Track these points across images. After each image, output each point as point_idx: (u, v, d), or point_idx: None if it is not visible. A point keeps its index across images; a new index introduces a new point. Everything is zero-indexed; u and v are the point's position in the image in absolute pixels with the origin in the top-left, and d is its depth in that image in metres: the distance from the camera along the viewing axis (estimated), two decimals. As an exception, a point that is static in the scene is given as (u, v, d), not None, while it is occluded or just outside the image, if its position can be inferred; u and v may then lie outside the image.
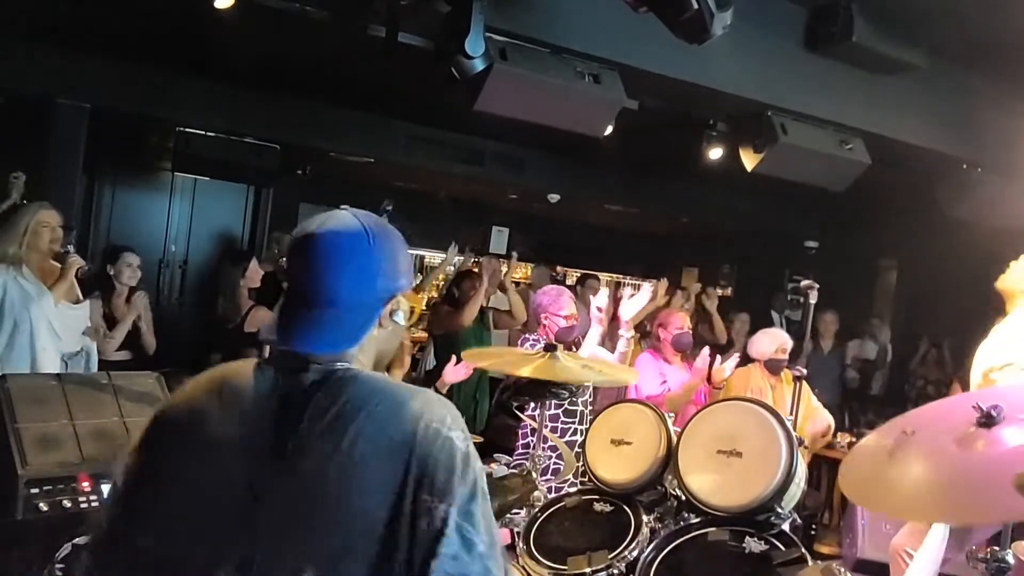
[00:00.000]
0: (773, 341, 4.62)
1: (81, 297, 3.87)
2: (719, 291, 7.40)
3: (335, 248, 1.29)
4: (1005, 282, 3.27)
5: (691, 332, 4.77)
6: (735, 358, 4.45)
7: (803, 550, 2.26)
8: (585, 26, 3.94)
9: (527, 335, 4.14)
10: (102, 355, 4.15)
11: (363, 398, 1.24)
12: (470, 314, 5.41)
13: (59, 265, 3.85)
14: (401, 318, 1.38)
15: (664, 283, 6.35)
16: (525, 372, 2.61)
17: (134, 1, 4.34)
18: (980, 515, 1.67)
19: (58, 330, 3.64)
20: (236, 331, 5.20)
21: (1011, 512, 1.53)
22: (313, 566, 1.15)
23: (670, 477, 2.66)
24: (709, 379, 4.37)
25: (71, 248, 3.80)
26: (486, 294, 6.07)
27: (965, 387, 5.99)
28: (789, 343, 4.55)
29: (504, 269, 6.84)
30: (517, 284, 7.73)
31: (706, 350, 4.38)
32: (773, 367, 4.60)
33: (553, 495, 2.96)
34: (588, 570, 2.37)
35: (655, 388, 4.36)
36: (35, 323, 3.52)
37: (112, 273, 4.58)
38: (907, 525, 3.33)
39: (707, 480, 2.48)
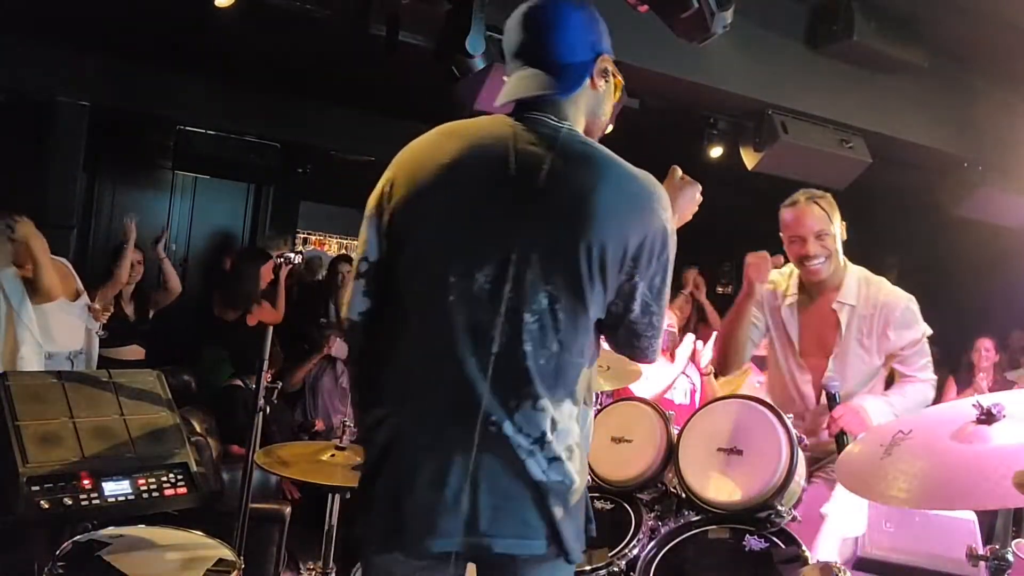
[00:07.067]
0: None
1: (82, 288, 3.77)
2: (719, 289, 7.36)
3: (549, 14, 1.58)
4: None
5: (675, 330, 4.77)
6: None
7: (803, 548, 2.26)
8: (586, 24, 3.93)
9: None
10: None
11: (596, 165, 1.54)
12: None
13: (65, 263, 3.81)
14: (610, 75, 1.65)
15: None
16: None
17: (135, -1, 4.35)
18: (979, 502, 1.69)
19: (52, 330, 3.53)
20: (239, 325, 5.19)
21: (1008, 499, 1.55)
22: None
23: (670, 475, 2.65)
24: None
25: None
26: None
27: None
28: None
29: None
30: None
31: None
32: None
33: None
34: (588, 568, 2.37)
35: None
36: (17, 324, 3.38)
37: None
38: None
39: (707, 478, 2.48)
